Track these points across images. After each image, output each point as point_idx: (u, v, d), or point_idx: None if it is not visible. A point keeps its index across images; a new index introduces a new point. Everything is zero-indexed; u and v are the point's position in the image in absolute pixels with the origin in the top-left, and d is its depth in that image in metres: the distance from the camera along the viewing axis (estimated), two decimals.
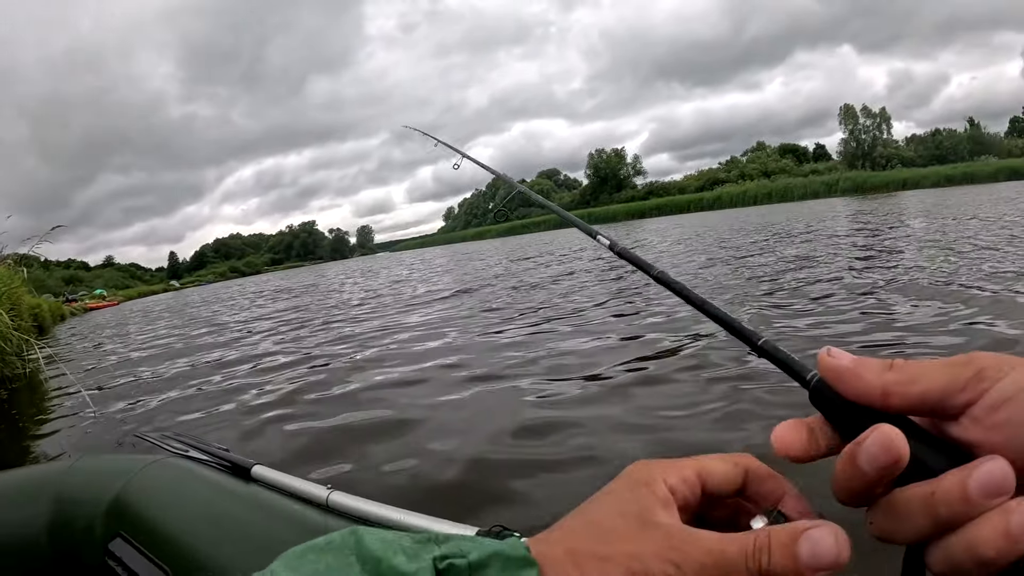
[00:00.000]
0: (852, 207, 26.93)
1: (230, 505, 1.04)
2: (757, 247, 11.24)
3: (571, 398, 3.25)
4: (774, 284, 6.26)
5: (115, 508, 1.08)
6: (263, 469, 1.15)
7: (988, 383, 0.32)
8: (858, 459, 0.32)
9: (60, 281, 67.90)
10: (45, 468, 1.27)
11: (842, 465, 0.33)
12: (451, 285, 11.84)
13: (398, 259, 44.04)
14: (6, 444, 4.38)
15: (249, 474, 1.16)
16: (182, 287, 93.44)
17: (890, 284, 5.33)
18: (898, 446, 0.31)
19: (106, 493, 1.10)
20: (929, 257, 6.87)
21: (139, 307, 31.71)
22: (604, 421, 2.81)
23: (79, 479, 1.15)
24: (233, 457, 1.21)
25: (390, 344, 5.74)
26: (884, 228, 12.10)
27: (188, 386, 5.25)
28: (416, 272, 20.34)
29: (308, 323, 8.90)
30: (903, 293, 4.87)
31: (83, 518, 1.08)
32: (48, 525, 1.09)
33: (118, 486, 1.10)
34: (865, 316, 4.26)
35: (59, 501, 1.11)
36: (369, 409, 3.49)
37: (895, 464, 0.31)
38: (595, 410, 2.99)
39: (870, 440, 0.32)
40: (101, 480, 1.14)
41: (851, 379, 0.35)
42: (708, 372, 3.34)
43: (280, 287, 25.45)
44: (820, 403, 0.37)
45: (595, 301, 6.71)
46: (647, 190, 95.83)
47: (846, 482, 0.33)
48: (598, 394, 3.27)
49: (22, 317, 8.37)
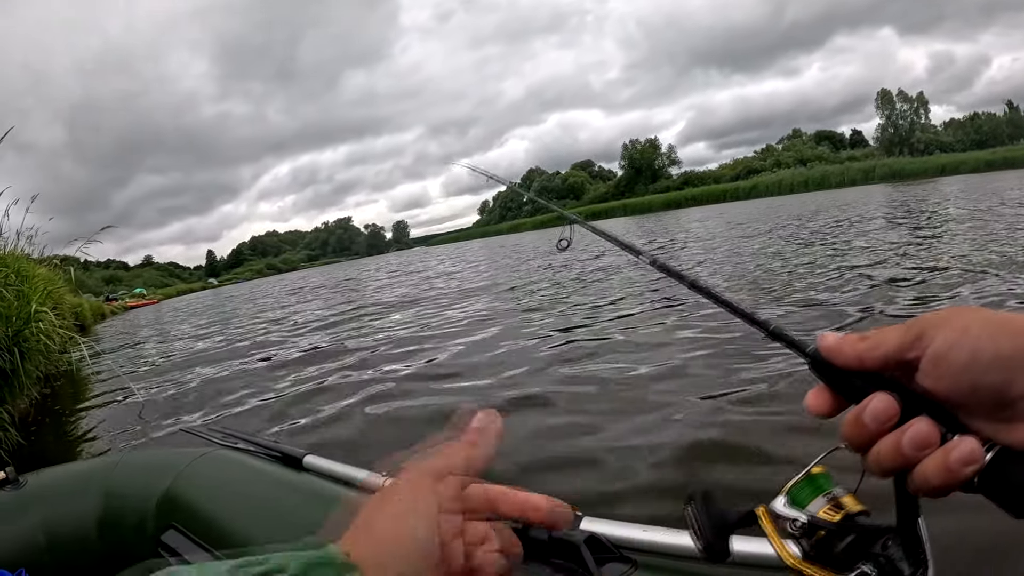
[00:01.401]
0: (898, 194, 26.29)
1: (283, 494, 1.03)
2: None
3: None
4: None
5: (167, 501, 1.06)
6: (315, 458, 1.13)
7: (927, 341, 0.41)
8: (863, 417, 0.42)
9: (100, 281, 69.42)
10: (92, 464, 1.26)
11: (851, 421, 0.43)
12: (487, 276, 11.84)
13: (434, 254, 44.16)
14: (52, 437, 4.47)
15: (301, 464, 1.14)
16: (220, 285, 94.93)
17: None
18: (891, 406, 0.41)
19: (156, 486, 1.09)
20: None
21: (178, 305, 32.29)
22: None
23: (127, 474, 1.14)
24: (283, 448, 1.19)
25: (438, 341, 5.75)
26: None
27: (232, 379, 5.31)
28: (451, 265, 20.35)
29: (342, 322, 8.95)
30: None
31: (134, 512, 1.07)
32: (98, 520, 1.08)
33: (168, 479, 1.09)
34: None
35: (108, 496, 1.10)
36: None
37: (890, 418, 0.41)
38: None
39: (871, 405, 0.42)
40: (150, 474, 1.12)
41: (838, 352, 0.45)
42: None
43: (315, 283, 25.64)
44: (818, 371, 0.47)
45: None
46: (682, 180, 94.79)
47: (854, 436, 0.43)
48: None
49: (64, 316, 8.57)
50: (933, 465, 0.40)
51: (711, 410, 2.86)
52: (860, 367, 0.44)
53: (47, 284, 6.22)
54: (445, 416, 0.50)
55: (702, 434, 2.57)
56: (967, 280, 4.86)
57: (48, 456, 3.88)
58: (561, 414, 3.07)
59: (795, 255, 8.33)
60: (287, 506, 0.99)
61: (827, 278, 5.94)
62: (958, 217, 10.74)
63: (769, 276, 6.84)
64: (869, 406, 0.42)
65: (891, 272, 5.73)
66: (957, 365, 0.40)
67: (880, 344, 0.43)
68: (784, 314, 4.68)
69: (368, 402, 3.69)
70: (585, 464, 2.44)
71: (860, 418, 0.42)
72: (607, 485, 2.23)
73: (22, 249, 6.94)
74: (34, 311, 4.64)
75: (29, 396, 4.83)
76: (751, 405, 2.83)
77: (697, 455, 2.39)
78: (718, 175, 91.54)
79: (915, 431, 0.40)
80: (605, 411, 3.01)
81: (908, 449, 0.40)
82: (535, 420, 3.01)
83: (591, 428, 2.80)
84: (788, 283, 6.08)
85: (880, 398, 0.42)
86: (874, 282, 5.37)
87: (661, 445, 2.49)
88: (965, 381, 0.39)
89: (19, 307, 4.61)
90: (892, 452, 0.41)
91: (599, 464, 2.41)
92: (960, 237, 7.77)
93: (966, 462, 0.39)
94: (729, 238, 13.48)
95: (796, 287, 5.79)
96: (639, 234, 19.72)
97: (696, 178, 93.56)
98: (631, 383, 3.42)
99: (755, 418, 2.67)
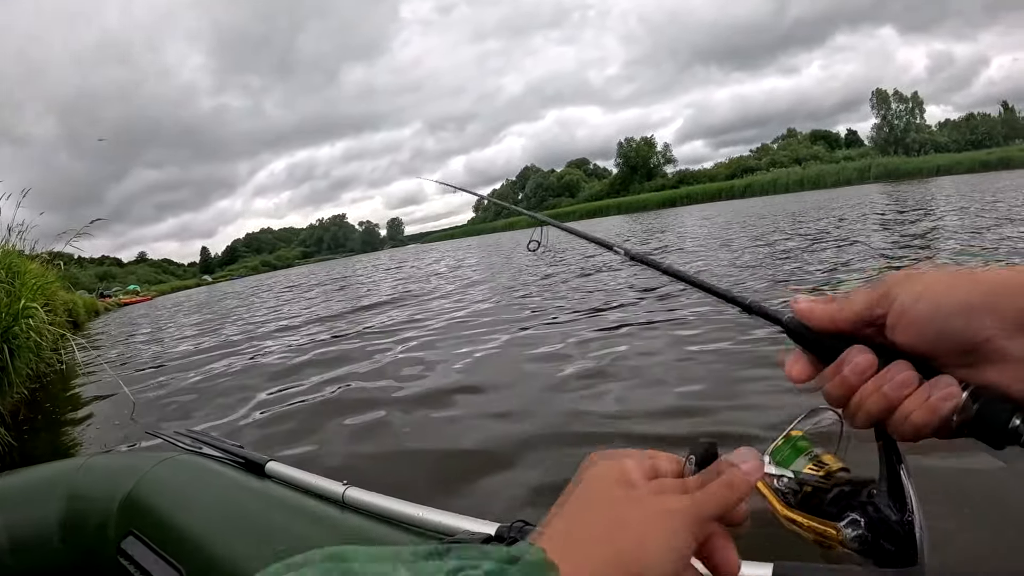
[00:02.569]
0: (893, 192, 26.35)
1: (244, 502, 1.02)
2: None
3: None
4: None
5: (127, 506, 1.06)
6: (277, 465, 1.13)
7: (892, 297, 0.44)
8: (844, 370, 0.45)
9: (94, 277, 69.07)
10: (58, 466, 1.25)
11: (830, 376, 0.46)
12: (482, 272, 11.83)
13: (430, 251, 44.09)
14: (43, 435, 4.45)
15: (263, 470, 1.14)
16: (214, 282, 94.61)
17: None
18: (868, 357, 0.44)
19: (118, 491, 1.08)
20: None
21: (172, 301, 32.18)
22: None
23: (92, 477, 1.13)
24: (246, 453, 1.18)
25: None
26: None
27: (225, 379, 5.30)
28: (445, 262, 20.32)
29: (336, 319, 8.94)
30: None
31: (96, 516, 1.07)
32: (61, 523, 1.07)
33: (130, 484, 1.08)
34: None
35: (72, 499, 1.10)
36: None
37: (869, 369, 0.44)
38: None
39: (850, 357, 0.44)
40: (113, 478, 1.12)
41: (811, 315, 0.47)
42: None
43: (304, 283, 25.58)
44: (794, 337, 0.49)
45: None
46: (677, 178, 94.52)
47: (834, 390, 0.46)
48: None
49: (56, 313, 8.52)
50: (913, 405, 0.42)
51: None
52: (833, 327, 0.46)
53: (39, 280, 6.18)
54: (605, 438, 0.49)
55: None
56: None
57: (39, 456, 3.86)
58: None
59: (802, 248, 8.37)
60: (247, 514, 0.98)
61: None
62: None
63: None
64: (848, 359, 0.45)
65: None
66: (922, 315, 0.42)
67: (849, 304, 0.46)
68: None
69: (357, 410, 3.54)
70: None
71: (840, 371, 0.45)
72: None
73: (13, 245, 6.85)
74: (23, 307, 4.60)
75: (19, 394, 4.81)
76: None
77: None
78: (713, 174, 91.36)
79: (895, 372, 0.43)
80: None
81: (890, 390, 0.43)
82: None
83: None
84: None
85: (857, 349, 0.45)
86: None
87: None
88: (931, 330, 0.42)
89: (8, 304, 4.57)
90: (875, 396, 0.43)
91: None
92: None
93: (945, 398, 0.41)
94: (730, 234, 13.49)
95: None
96: (642, 234, 19.65)
97: (691, 177, 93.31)
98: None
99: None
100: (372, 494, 0.98)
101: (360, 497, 0.98)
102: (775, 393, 2.68)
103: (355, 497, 0.98)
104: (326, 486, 1.03)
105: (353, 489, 0.99)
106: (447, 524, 0.88)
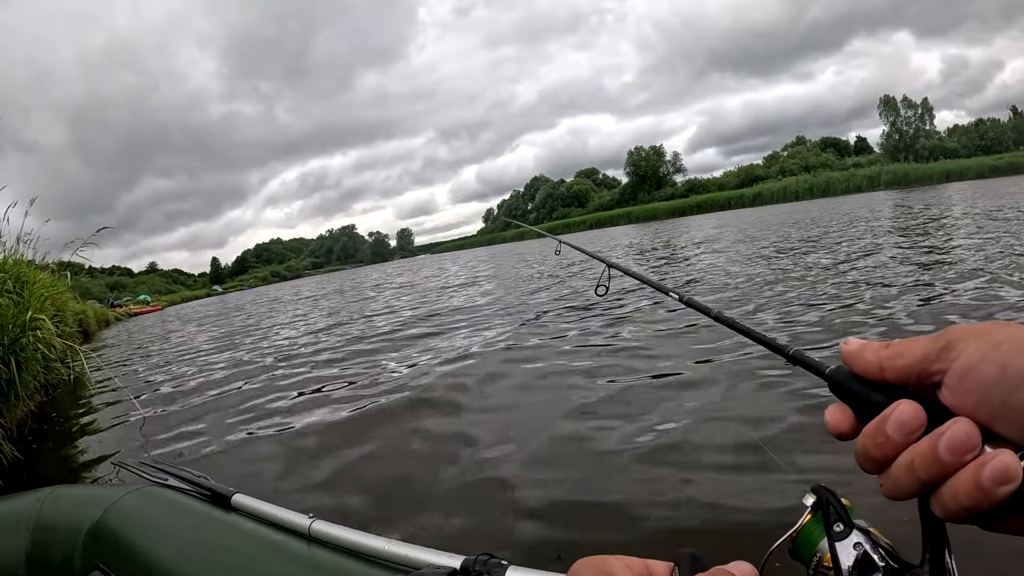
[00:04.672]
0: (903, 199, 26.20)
1: (209, 535, 1.01)
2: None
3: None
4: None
5: (93, 538, 1.05)
6: (243, 497, 1.13)
7: (955, 354, 0.38)
8: (886, 427, 0.39)
9: (104, 287, 69.54)
10: (23, 498, 1.23)
11: (871, 433, 0.40)
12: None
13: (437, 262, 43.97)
14: (50, 450, 4.43)
15: (229, 502, 1.13)
16: (224, 292, 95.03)
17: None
18: (919, 414, 0.38)
19: (84, 523, 1.07)
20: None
21: (182, 312, 32.30)
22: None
23: (57, 508, 1.12)
24: (213, 485, 1.18)
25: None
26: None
27: (235, 395, 5.28)
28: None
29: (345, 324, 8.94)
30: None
31: (61, 549, 1.06)
32: (27, 555, 1.07)
33: (96, 516, 1.08)
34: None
35: (38, 530, 1.09)
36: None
37: (917, 427, 0.38)
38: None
39: (896, 412, 0.39)
40: (79, 509, 1.11)
41: (858, 359, 0.43)
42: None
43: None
44: (836, 390, 0.45)
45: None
46: (687, 187, 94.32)
47: (874, 449, 0.40)
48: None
49: (66, 323, 8.55)
50: (965, 479, 0.35)
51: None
52: (880, 376, 0.42)
53: (48, 290, 6.19)
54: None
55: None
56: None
57: (46, 471, 3.81)
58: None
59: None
60: (213, 547, 0.98)
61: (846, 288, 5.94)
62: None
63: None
64: (894, 414, 0.39)
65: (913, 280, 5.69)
66: (986, 379, 0.36)
67: (904, 352, 0.41)
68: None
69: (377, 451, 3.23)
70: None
71: (882, 428, 0.39)
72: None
73: (22, 254, 6.85)
74: (30, 319, 4.60)
75: (26, 408, 4.82)
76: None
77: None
78: (722, 182, 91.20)
79: (955, 431, 0.36)
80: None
81: (946, 453, 0.36)
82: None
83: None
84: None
85: (906, 404, 0.39)
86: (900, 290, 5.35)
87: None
88: (994, 397, 0.36)
89: (16, 315, 4.57)
90: (928, 458, 0.37)
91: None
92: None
93: (1001, 479, 0.34)
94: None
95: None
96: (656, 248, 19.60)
97: (700, 186, 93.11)
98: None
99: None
100: (338, 527, 0.97)
101: (326, 530, 0.98)
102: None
103: (321, 530, 0.98)
104: (292, 519, 1.02)
105: (319, 522, 0.99)
106: (413, 557, 0.88)
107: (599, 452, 2.72)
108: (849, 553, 0.44)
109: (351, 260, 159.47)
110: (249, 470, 3.20)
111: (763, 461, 2.35)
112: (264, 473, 3.08)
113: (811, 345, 3.95)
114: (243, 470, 3.22)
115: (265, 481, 2.97)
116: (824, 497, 0.47)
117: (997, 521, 0.37)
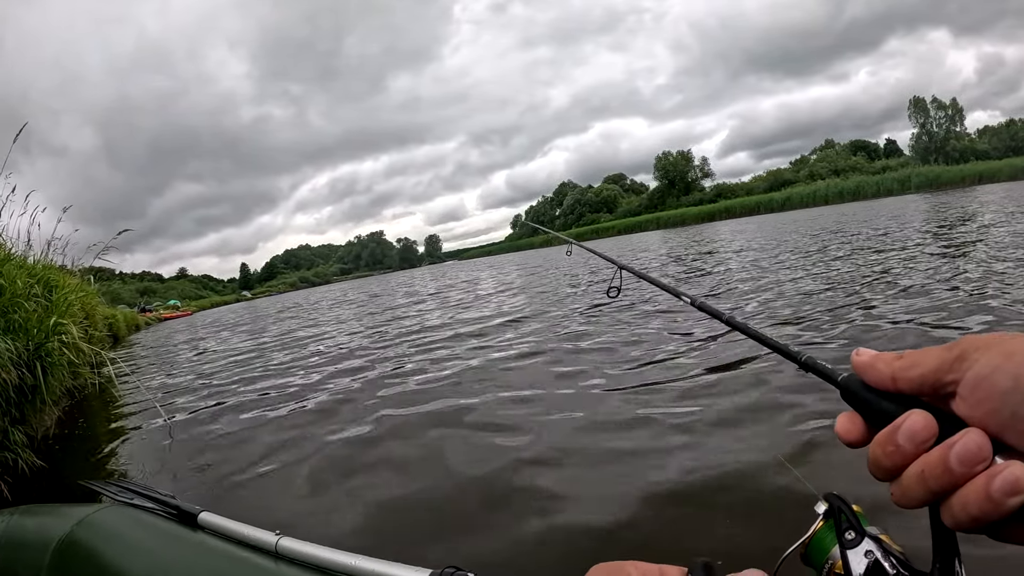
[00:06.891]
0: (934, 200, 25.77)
1: (176, 554, 1.00)
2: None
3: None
4: None
5: (59, 558, 1.03)
6: (210, 516, 1.12)
7: (968, 364, 0.38)
8: (897, 436, 0.39)
9: (135, 292, 70.85)
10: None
11: (882, 441, 0.40)
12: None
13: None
14: (76, 458, 4.43)
15: (196, 521, 1.13)
16: (253, 298, 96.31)
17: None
18: (929, 424, 0.38)
19: (50, 542, 1.06)
20: None
21: (211, 317, 32.69)
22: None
23: (23, 527, 1.11)
24: (179, 504, 1.18)
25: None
26: None
27: (259, 401, 5.29)
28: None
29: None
30: None
31: (27, 569, 1.04)
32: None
33: (61, 535, 1.06)
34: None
35: (4, 549, 1.08)
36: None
37: (928, 438, 0.38)
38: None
39: (908, 422, 0.39)
40: (45, 529, 1.10)
41: (871, 370, 0.43)
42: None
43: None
44: (848, 398, 0.45)
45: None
46: (715, 192, 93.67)
47: (884, 458, 0.40)
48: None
49: (96, 327, 8.67)
50: (975, 490, 0.36)
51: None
52: (893, 387, 0.42)
53: (77, 295, 6.25)
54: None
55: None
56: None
57: (70, 482, 3.68)
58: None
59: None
60: (179, 566, 0.97)
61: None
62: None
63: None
64: (905, 423, 0.39)
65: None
66: (999, 390, 0.36)
67: (917, 363, 0.41)
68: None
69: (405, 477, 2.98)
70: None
71: (894, 437, 0.39)
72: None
73: (52, 259, 6.92)
74: (54, 324, 4.62)
75: (52, 415, 4.85)
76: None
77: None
78: (751, 187, 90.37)
79: (966, 442, 0.36)
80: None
81: (957, 464, 0.36)
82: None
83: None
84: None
85: (917, 414, 0.39)
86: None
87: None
88: (1006, 408, 0.36)
89: (41, 319, 4.60)
90: (938, 468, 0.37)
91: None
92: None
93: (1011, 491, 0.35)
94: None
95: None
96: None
97: (728, 190, 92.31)
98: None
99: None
100: (305, 543, 0.97)
101: (293, 547, 0.97)
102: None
103: (288, 547, 0.97)
104: (259, 536, 1.01)
105: (286, 539, 0.98)
106: (380, 572, 0.87)
107: (612, 460, 2.70)
108: (860, 560, 0.45)
109: (379, 266, 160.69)
110: (282, 479, 3.19)
111: (780, 471, 2.30)
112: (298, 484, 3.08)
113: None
114: (276, 482, 3.18)
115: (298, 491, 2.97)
116: (836, 504, 0.49)
117: (1006, 531, 0.36)
